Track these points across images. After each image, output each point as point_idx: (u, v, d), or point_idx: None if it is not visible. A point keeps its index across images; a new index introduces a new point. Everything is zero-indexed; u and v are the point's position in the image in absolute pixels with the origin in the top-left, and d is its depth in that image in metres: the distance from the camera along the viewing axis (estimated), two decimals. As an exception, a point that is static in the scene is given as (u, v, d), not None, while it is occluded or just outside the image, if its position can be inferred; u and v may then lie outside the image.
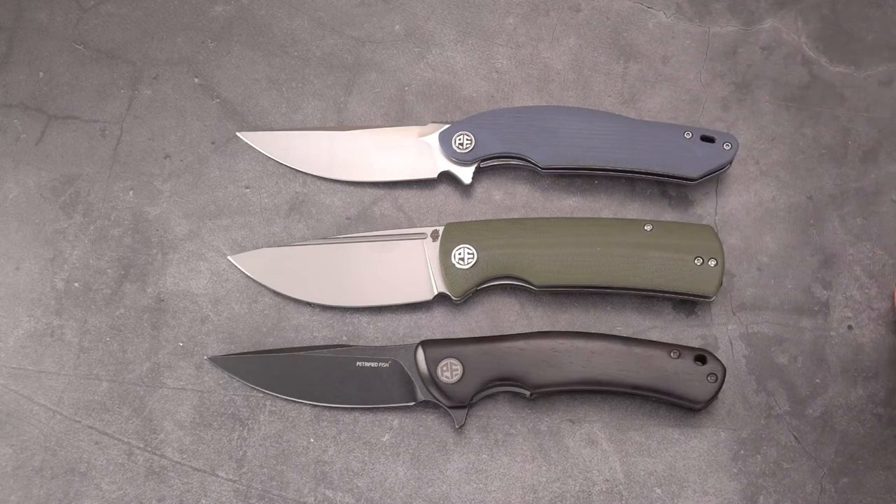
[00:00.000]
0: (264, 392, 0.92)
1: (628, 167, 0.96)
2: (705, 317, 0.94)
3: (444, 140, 0.98)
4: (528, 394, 0.90)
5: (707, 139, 0.96)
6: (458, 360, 0.89)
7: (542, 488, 0.89)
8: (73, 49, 1.05)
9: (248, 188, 1.00)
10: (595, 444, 0.90)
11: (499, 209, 0.99)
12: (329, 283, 0.95)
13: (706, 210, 0.98)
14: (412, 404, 0.90)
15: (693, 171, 0.96)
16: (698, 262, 0.91)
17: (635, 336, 0.92)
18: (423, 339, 0.92)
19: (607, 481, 0.89)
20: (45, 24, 1.06)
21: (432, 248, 0.94)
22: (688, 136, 0.96)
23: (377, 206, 0.99)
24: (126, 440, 0.91)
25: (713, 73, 1.04)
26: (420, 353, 0.90)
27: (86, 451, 0.90)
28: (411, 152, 0.99)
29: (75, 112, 1.02)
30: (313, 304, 0.95)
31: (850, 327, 0.94)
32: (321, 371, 0.91)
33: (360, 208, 0.99)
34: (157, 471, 0.90)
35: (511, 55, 1.05)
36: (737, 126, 1.01)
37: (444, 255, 0.94)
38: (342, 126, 1.02)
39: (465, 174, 0.98)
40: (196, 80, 1.04)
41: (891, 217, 0.98)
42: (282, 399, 0.92)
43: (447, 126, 0.99)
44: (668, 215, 0.98)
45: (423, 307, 0.95)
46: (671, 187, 0.99)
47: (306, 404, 0.92)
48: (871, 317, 0.94)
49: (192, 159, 1.01)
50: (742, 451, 0.90)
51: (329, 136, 1.01)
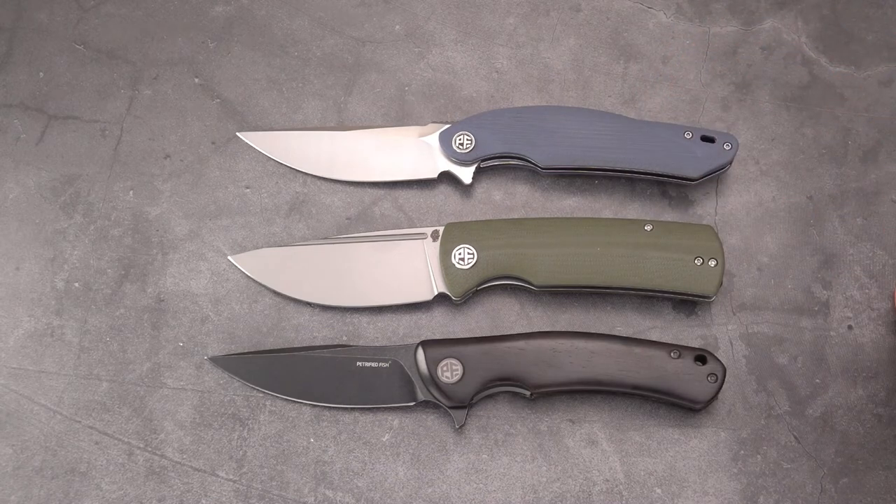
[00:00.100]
0: (264, 392, 0.92)
1: (628, 167, 0.96)
2: (705, 317, 0.94)
3: (445, 140, 0.98)
4: (528, 394, 0.90)
5: (707, 139, 0.96)
6: (458, 360, 0.89)
7: (542, 488, 0.89)
8: (73, 49, 1.05)
9: (248, 188, 1.00)
10: (595, 444, 0.90)
11: (499, 209, 0.99)
12: (329, 283, 0.95)
13: (706, 210, 0.98)
14: (412, 404, 0.90)
15: (693, 171, 0.96)
16: (698, 262, 0.91)
17: (635, 336, 0.92)
18: (423, 339, 0.92)
19: (607, 481, 0.89)
20: (45, 24, 1.06)
21: (432, 248, 0.94)
22: (688, 136, 0.96)
23: (377, 206, 0.99)
24: (126, 440, 0.91)
25: (713, 73, 1.04)
26: (420, 353, 0.90)
27: (86, 451, 0.90)
28: (411, 152, 0.99)
29: (75, 112, 1.02)
30: (313, 304, 0.95)
31: (850, 327, 0.94)
32: (321, 371, 0.91)
33: (360, 208, 0.99)
34: (157, 471, 0.90)
35: (511, 55, 1.05)
36: (737, 126, 1.01)
37: (445, 255, 0.93)
38: (342, 126, 1.02)
39: (465, 174, 0.98)
40: (196, 80, 1.04)
41: (891, 217, 0.98)
42: (282, 399, 0.92)
43: (447, 126, 0.99)
44: (668, 215, 0.98)
45: (423, 307, 0.95)
46: (671, 187, 0.99)
47: (306, 404, 0.92)
48: (871, 317, 0.94)
49: (193, 159, 1.01)
50: (742, 451, 0.90)
51: (329, 136, 1.00)
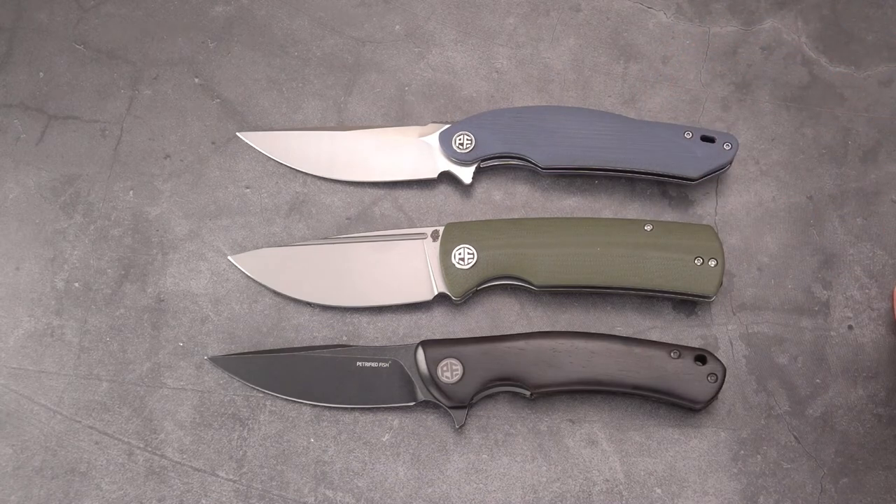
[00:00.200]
0: (264, 392, 0.92)
1: (628, 167, 0.96)
2: (705, 317, 0.94)
3: (445, 140, 0.98)
4: (528, 394, 0.90)
5: (707, 139, 0.96)
6: (458, 360, 0.89)
7: (542, 488, 0.89)
8: (73, 49, 1.05)
9: (248, 188, 1.00)
10: (595, 444, 0.90)
11: (499, 209, 0.99)
12: (329, 283, 0.95)
13: (706, 210, 0.98)
14: (412, 404, 0.90)
15: (693, 171, 0.96)
16: (698, 262, 0.91)
17: (635, 336, 0.92)
18: (423, 339, 0.92)
19: (607, 481, 0.89)
20: (45, 24, 1.06)
21: (432, 248, 0.94)
22: (688, 136, 0.96)
23: (377, 206, 0.99)
24: (126, 440, 0.91)
25: (713, 73, 1.04)
26: (420, 353, 0.90)
27: (86, 451, 0.90)
28: (411, 152, 0.99)
29: (75, 112, 1.02)
30: (313, 304, 0.95)
31: (850, 327, 0.94)
32: (321, 371, 0.91)
33: (360, 208, 0.99)
34: (157, 471, 0.90)
35: (511, 55, 1.05)
36: (737, 126, 1.01)
37: (445, 255, 0.93)
38: (342, 126, 1.02)
39: (465, 174, 0.98)
40: (196, 80, 1.04)
41: (891, 217, 0.98)
42: (282, 399, 0.92)
43: (447, 126, 0.99)
44: (668, 215, 0.98)
45: (423, 307, 0.95)
46: (671, 187, 0.99)
47: (306, 404, 0.92)
48: (871, 317, 0.94)
49: (193, 159, 1.01)
50: (742, 451, 0.90)
51: (329, 136, 1.00)
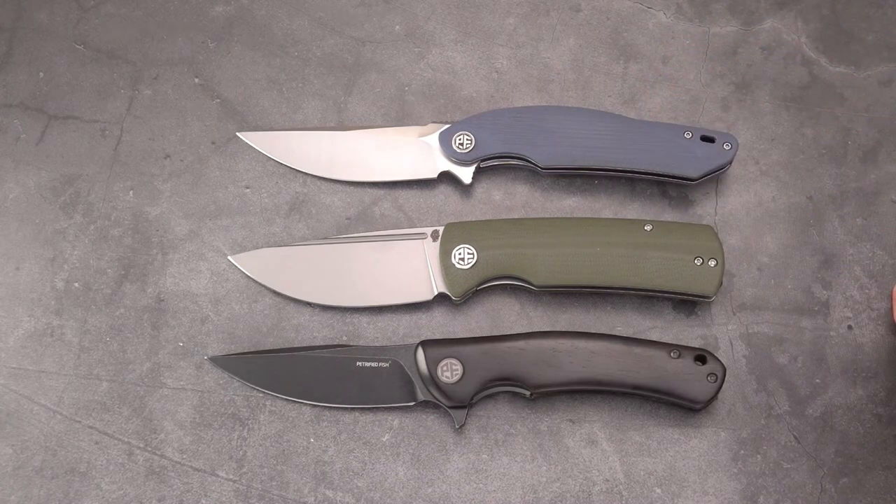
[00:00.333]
0: (264, 392, 0.92)
1: (628, 167, 0.96)
2: (705, 317, 0.94)
3: (444, 140, 0.98)
4: (528, 394, 0.90)
5: (707, 139, 0.96)
6: (458, 360, 0.89)
7: (542, 488, 0.89)
8: (73, 49, 1.05)
9: (248, 188, 1.00)
10: (595, 444, 0.90)
11: (499, 209, 0.99)
12: (329, 283, 0.95)
13: (706, 210, 0.98)
14: (412, 404, 0.90)
15: (693, 171, 0.96)
16: (698, 262, 0.91)
17: (635, 336, 0.92)
18: (423, 339, 0.92)
19: (607, 481, 0.89)
20: (45, 24, 1.06)
21: (432, 248, 0.94)
22: (688, 136, 0.96)
23: (377, 206, 0.99)
24: (126, 440, 0.91)
25: (713, 73, 1.04)
26: (420, 353, 0.90)
27: (86, 451, 0.90)
28: (411, 152, 0.99)
29: (75, 112, 1.02)
30: (313, 304, 0.95)
31: (850, 327, 0.94)
32: (321, 371, 0.91)
33: (360, 208, 0.99)
34: (157, 471, 0.90)
35: (511, 55, 1.05)
36: (737, 126, 1.01)
37: (445, 255, 0.93)
38: (342, 126, 1.02)
39: (465, 174, 0.98)
40: (196, 80, 1.04)
41: (891, 217, 0.98)
42: (282, 399, 0.92)
43: (447, 126, 0.99)
44: (668, 215, 0.98)
45: (423, 307, 0.95)
46: (671, 187, 0.99)
47: (306, 404, 0.91)
48: (871, 317, 0.94)
49: (193, 159, 1.01)
50: (742, 451, 0.90)
51: (329, 136, 1.00)
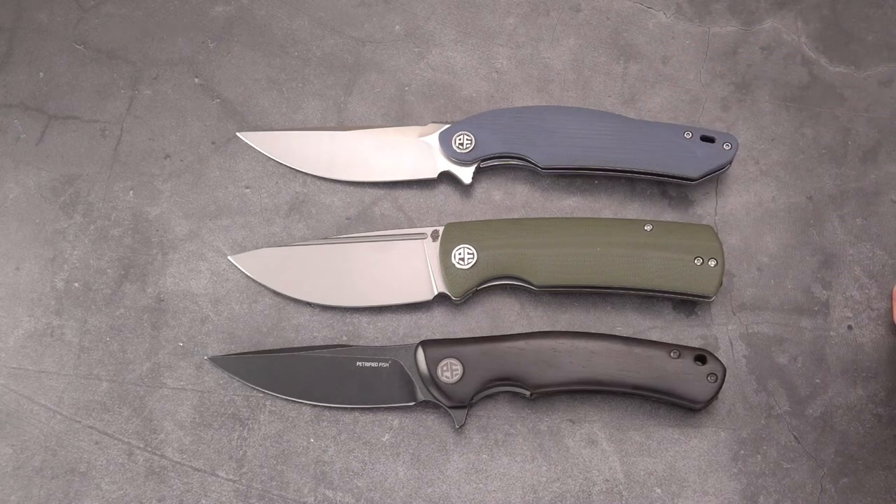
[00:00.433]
0: (264, 392, 0.92)
1: (628, 167, 0.96)
2: (705, 317, 0.94)
3: (444, 140, 0.98)
4: (528, 394, 0.90)
5: (707, 139, 0.96)
6: (458, 360, 0.89)
7: (542, 488, 0.89)
8: (73, 49, 1.05)
9: (248, 188, 1.00)
10: (595, 444, 0.90)
11: (499, 209, 0.99)
12: (329, 283, 0.95)
13: (706, 210, 0.98)
14: (412, 404, 0.90)
15: (693, 171, 0.96)
16: (698, 262, 0.91)
17: (635, 336, 0.92)
18: (423, 339, 0.92)
19: (607, 481, 0.89)
20: (45, 24, 1.06)
21: (432, 248, 0.94)
22: (688, 136, 0.96)
23: (377, 206, 0.99)
24: (126, 440, 0.91)
25: (713, 73, 1.04)
26: (420, 353, 0.90)
27: (86, 451, 0.90)
28: (411, 152, 0.99)
29: (75, 112, 1.02)
30: (313, 304, 0.95)
31: (850, 327, 0.94)
32: (321, 371, 0.91)
33: (360, 208, 0.99)
34: (157, 471, 0.90)
35: (511, 55, 1.05)
36: (737, 126, 1.01)
37: (444, 255, 0.93)
38: (342, 126, 1.02)
39: (465, 174, 0.98)
40: (196, 80, 1.04)
41: (891, 217, 0.98)
42: (282, 399, 0.92)
43: (447, 126, 0.99)
44: (668, 215, 0.98)
45: (423, 307, 0.95)
46: (671, 187, 0.99)
47: (306, 404, 0.91)
48: (871, 317, 0.94)
49: (193, 159, 1.01)
50: (742, 451, 0.90)
51: (329, 136, 1.00)
